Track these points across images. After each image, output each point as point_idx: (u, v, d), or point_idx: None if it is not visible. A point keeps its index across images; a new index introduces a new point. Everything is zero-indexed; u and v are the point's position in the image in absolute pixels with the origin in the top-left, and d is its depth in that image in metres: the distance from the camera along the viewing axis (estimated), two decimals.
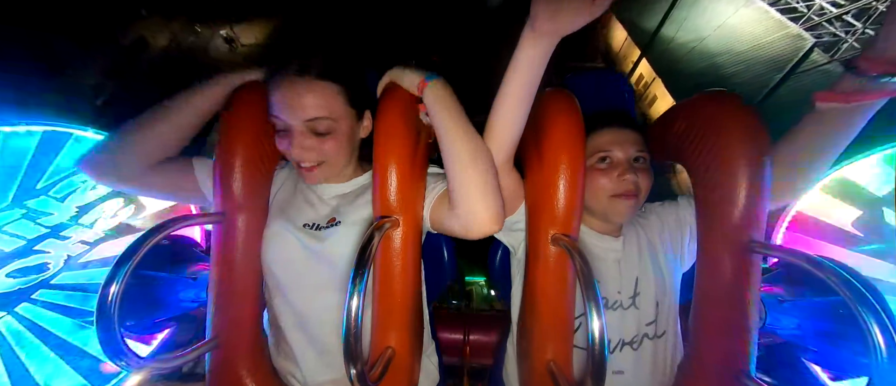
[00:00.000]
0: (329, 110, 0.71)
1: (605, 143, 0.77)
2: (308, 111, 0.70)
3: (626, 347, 0.79)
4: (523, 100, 0.65)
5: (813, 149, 0.68)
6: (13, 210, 1.15)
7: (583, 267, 0.59)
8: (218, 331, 0.77)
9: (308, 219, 0.79)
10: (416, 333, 0.74)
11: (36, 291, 1.13)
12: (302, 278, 0.76)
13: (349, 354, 0.54)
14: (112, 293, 0.57)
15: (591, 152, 0.77)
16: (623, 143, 0.77)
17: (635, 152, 0.77)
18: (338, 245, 0.75)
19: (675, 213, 0.85)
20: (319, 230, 0.77)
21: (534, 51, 0.59)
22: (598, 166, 0.77)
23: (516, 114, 0.66)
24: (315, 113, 0.70)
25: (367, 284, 0.57)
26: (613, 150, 0.76)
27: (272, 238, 0.77)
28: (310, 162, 0.73)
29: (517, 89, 0.63)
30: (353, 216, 0.77)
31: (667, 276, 0.82)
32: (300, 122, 0.70)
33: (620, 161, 0.76)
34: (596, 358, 0.53)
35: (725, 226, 0.69)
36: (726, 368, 0.69)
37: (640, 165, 0.77)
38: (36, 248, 1.15)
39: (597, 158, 0.77)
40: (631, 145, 0.77)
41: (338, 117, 0.72)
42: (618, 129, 0.78)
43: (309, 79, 0.70)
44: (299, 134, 0.71)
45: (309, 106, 0.70)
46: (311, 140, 0.72)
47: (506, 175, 0.74)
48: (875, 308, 0.50)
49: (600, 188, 0.76)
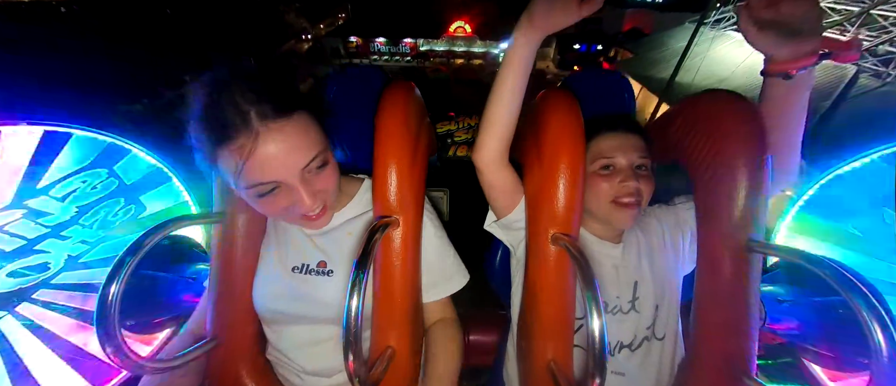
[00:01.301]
0: (317, 141, 0.62)
1: (609, 149, 0.77)
2: (302, 154, 0.59)
3: (625, 349, 0.79)
4: (517, 92, 0.69)
5: (773, 134, 0.68)
6: (13, 210, 1.15)
7: (583, 266, 0.59)
8: (218, 331, 0.77)
9: (296, 262, 0.75)
10: (416, 333, 0.74)
11: (36, 291, 1.13)
12: (293, 323, 0.76)
13: (349, 355, 0.54)
14: (112, 293, 0.57)
15: (594, 157, 0.77)
16: (626, 149, 0.76)
17: (638, 159, 0.76)
18: (331, 293, 0.72)
19: (676, 215, 0.85)
20: (310, 275, 0.74)
21: (527, 47, 0.66)
22: (601, 172, 0.77)
23: (512, 106, 0.70)
24: (309, 154, 0.60)
25: (367, 284, 0.57)
26: (616, 156, 0.76)
27: (261, 281, 0.76)
28: (319, 206, 0.65)
29: (512, 82, 0.68)
30: (343, 260, 0.74)
31: (667, 279, 0.82)
32: (296, 171, 0.60)
33: (623, 167, 0.76)
34: (596, 357, 0.53)
35: (725, 226, 0.69)
36: (726, 368, 0.69)
37: (642, 172, 0.77)
38: (36, 248, 1.15)
39: (600, 164, 0.77)
40: (634, 151, 0.76)
41: (325, 145, 0.64)
42: (622, 134, 0.78)
43: (278, 121, 0.56)
44: (301, 184, 0.60)
45: (300, 148, 0.59)
46: (312, 182, 0.63)
47: (502, 169, 0.75)
48: (875, 308, 0.50)
49: (602, 193, 0.76)
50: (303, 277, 0.74)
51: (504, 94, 0.69)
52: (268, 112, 0.56)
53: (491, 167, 0.75)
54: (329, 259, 0.75)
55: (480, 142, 0.73)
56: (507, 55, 0.67)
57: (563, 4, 0.61)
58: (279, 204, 0.62)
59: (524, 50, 0.66)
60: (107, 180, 1.26)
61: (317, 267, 0.75)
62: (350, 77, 0.94)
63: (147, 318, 1.10)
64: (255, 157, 0.55)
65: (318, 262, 0.75)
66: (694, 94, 0.77)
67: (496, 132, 0.71)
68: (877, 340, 0.49)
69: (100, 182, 1.25)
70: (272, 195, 0.60)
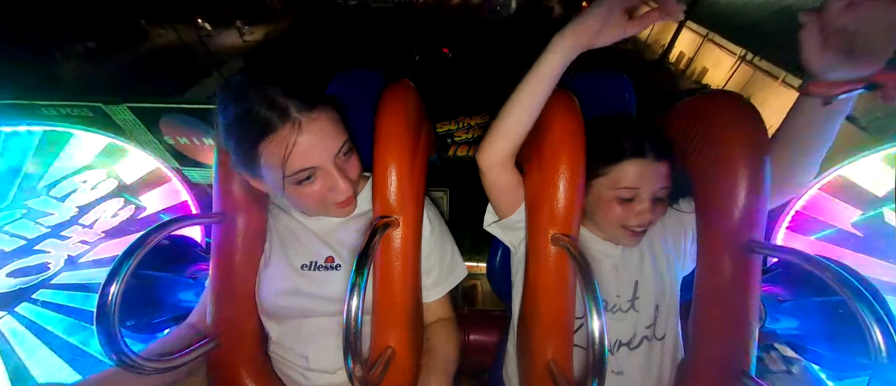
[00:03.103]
0: (342, 131, 0.68)
1: (634, 179, 0.71)
2: (335, 142, 0.65)
3: (624, 348, 0.79)
4: (540, 99, 0.66)
5: (794, 150, 0.66)
6: (13, 210, 1.15)
7: (583, 267, 0.59)
8: (218, 331, 0.77)
9: (305, 259, 0.77)
10: (416, 333, 0.74)
11: (36, 291, 1.13)
12: (300, 317, 0.76)
13: (349, 354, 0.54)
14: (112, 293, 0.57)
15: (615, 183, 0.72)
16: (652, 180, 0.71)
17: (660, 189, 0.72)
18: (339, 286, 0.74)
19: (677, 216, 0.85)
20: (318, 271, 0.76)
21: (563, 56, 0.61)
22: (619, 199, 0.73)
23: (533, 114, 0.67)
24: (339, 140, 0.66)
25: (367, 284, 0.57)
26: (642, 187, 0.71)
27: (269, 279, 0.77)
28: (350, 191, 0.70)
29: (540, 90, 0.64)
30: (350, 255, 0.76)
31: (667, 279, 0.82)
32: (331, 157, 0.65)
33: (644, 200, 0.72)
34: (596, 357, 0.53)
35: (725, 226, 0.69)
36: (726, 369, 0.69)
37: (660, 198, 0.74)
38: (36, 248, 1.15)
39: (620, 194, 0.72)
40: (658, 181, 0.71)
41: (347, 133, 0.69)
42: (652, 163, 0.71)
43: (313, 113, 0.63)
44: (335, 169, 0.66)
45: (333, 136, 0.65)
46: (344, 168, 0.68)
47: (508, 172, 0.74)
48: (875, 308, 0.50)
49: (614, 217, 0.74)
50: (311, 274, 0.76)
51: (529, 102, 0.65)
52: (304, 105, 0.62)
53: (497, 170, 0.73)
54: (336, 254, 0.77)
55: (490, 143, 0.70)
56: (542, 64, 0.62)
57: (615, 21, 0.57)
58: (317, 189, 0.67)
59: (562, 60, 0.61)
60: (107, 180, 1.26)
61: (324, 262, 0.76)
62: (350, 77, 0.94)
63: (147, 318, 1.10)
64: (298, 145, 0.61)
65: (325, 257, 0.77)
66: (694, 94, 0.77)
67: (509, 137, 0.69)
68: (877, 340, 0.49)
69: (100, 182, 1.25)
70: (310, 182, 0.66)
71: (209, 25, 12.66)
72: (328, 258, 0.76)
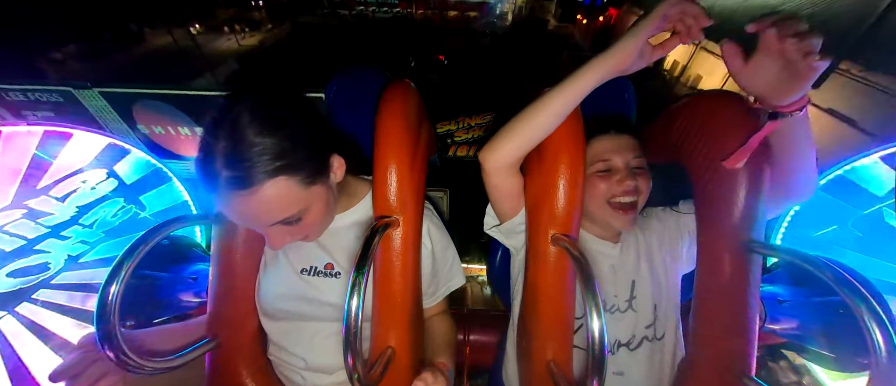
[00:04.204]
0: (291, 205, 0.59)
1: (604, 151, 0.77)
2: (272, 216, 0.58)
3: (624, 348, 0.79)
4: (561, 117, 0.67)
5: (782, 160, 0.66)
6: (13, 210, 1.15)
7: (582, 267, 0.59)
8: (218, 331, 0.77)
9: (305, 264, 0.77)
10: (416, 333, 0.74)
11: (36, 291, 1.13)
12: (299, 320, 0.76)
13: (349, 354, 0.54)
14: (112, 293, 0.57)
15: (592, 160, 0.77)
16: (622, 150, 0.77)
17: (634, 159, 0.76)
18: (338, 294, 0.74)
19: (676, 217, 0.85)
20: (317, 277, 0.76)
21: (597, 79, 0.62)
22: (599, 174, 0.77)
23: (549, 128, 0.68)
24: (279, 216, 0.59)
25: (367, 284, 0.57)
26: (613, 157, 0.76)
27: (269, 282, 0.77)
28: (283, 245, 0.64)
29: (562, 107, 0.65)
30: (350, 262, 0.75)
31: (665, 279, 0.82)
32: (264, 227, 0.60)
33: (620, 167, 0.76)
34: (596, 358, 0.53)
35: (725, 226, 0.69)
36: (726, 368, 0.69)
37: (639, 171, 0.77)
38: (36, 248, 1.15)
39: (597, 168, 0.77)
40: (629, 151, 0.77)
41: (304, 203, 0.60)
42: (615, 136, 0.78)
43: (251, 190, 0.54)
44: (272, 232, 0.61)
45: (271, 211, 0.58)
46: (286, 230, 0.62)
47: (513, 176, 0.74)
48: (875, 308, 0.50)
49: (600, 194, 0.76)
50: (311, 279, 0.76)
51: (548, 117, 0.66)
52: (237, 184, 0.54)
53: (501, 173, 0.73)
54: (336, 261, 0.76)
55: (497, 146, 0.70)
56: (577, 81, 0.63)
57: (646, 50, 0.60)
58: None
59: (595, 83, 0.62)
60: (107, 180, 1.26)
61: (324, 269, 0.76)
62: (350, 77, 0.94)
63: (147, 318, 1.10)
64: (229, 207, 0.57)
65: (325, 263, 0.76)
66: (694, 94, 0.77)
67: (520, 144, 0.69)
68: (876, 340, 0.49)
69: (100, 182, 1.25)
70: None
71: (200, 27, 12.63)
72: (328, 265, 0.76)
